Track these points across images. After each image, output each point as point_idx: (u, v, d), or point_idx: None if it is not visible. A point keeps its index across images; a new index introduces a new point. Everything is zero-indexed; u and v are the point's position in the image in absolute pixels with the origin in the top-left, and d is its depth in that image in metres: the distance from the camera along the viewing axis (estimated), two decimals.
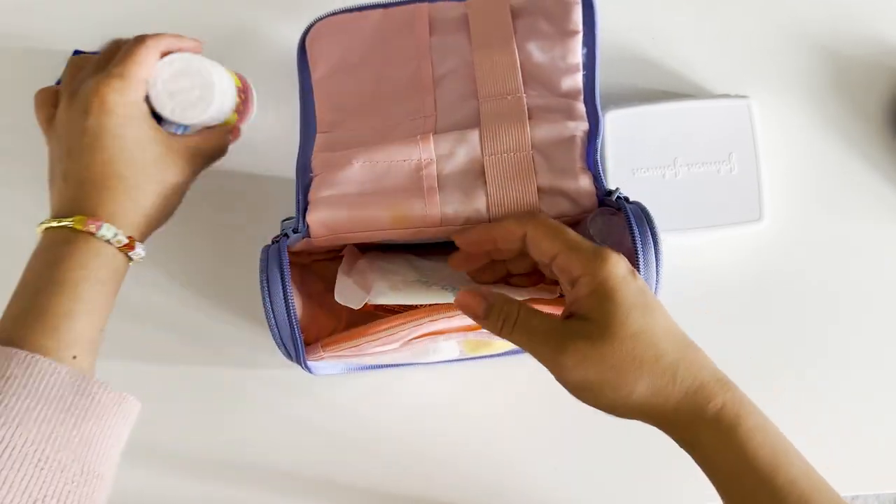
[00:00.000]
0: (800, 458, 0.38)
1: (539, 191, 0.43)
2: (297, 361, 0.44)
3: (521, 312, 0.39)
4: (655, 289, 0.42)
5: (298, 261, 0.50)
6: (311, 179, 0.45)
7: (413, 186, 0.43)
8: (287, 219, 0.47)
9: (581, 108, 0.45)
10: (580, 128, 0.44)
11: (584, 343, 0.37)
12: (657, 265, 0.41)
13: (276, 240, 0.44)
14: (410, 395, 0.59)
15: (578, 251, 0.38)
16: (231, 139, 0.54)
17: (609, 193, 0.43)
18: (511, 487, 0.58)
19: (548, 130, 0.44)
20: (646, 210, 0.42)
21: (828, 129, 0.61)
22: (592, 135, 0.44)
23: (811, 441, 0.58)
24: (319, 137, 0.46)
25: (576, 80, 0.46)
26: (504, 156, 0.43)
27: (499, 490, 0.58)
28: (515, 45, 0.46)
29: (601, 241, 0.43)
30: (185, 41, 0.50)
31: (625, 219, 0.41)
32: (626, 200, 0.43)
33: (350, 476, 0.58)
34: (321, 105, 0.48)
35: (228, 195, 0.60)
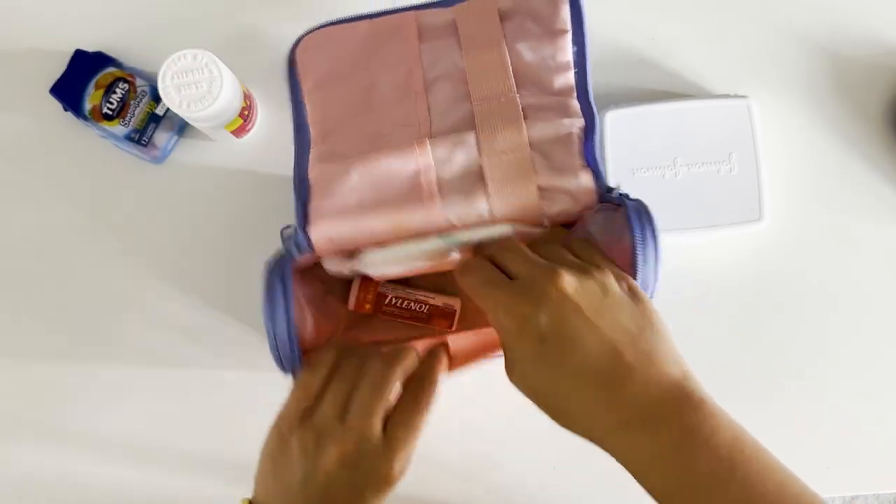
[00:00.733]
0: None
1: (539, 189, 0.43)
2: (294, 375, 0.44)
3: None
4: (654, 286, 0.41)
5: (300, 264, 0.50)
6: (310, 191, 0.44)
7: (413, 193, 0.43)
8: (287, 227, 0.47)
9: (575, 105, 0.45)
10: (576, 125, 0.44)
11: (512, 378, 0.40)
12: (656, 262, 0.41)
13: (281, 257, 0.43)
14: None
15: (485, 304, 0.40)
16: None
17: (610, 190, 0.43)
18: (511, 487, 0.58)
19: (544, 129, 0.44)
20: (646, 207, 0.41)
21: (828, 129, 0.61)
22: (589, 131, 0.44)
23: (811, 441, 0.58)
24: (314, 150, 0.46)
25: (567, 78, 0.45)
26: (503, 156, 0.43)
27: (499, 490, 0.58)
28: (505, 47, 0.46)
29: (601, 238, 0.43)
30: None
31: (625, 216, 0.41)
32: (627, 197, 0.42)
33: None
34: (314, 116, 0.47)
35: (232, 201, 0.60)
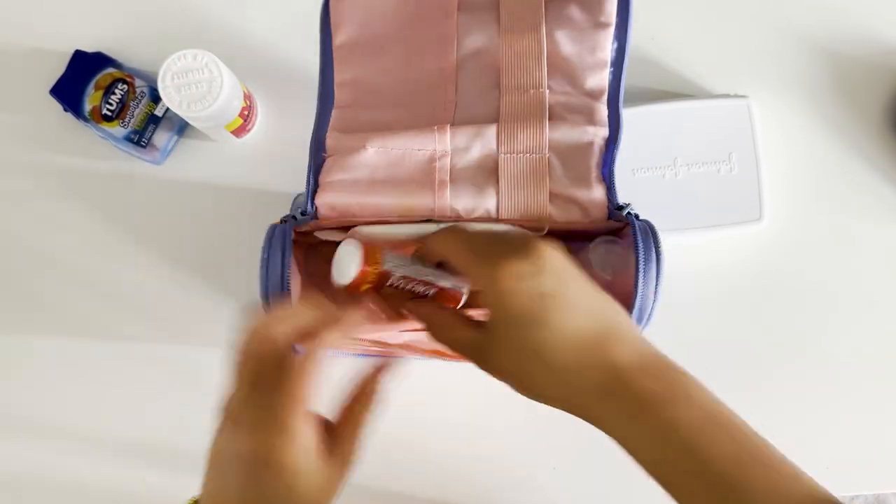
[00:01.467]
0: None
1: (551, 196, 0.43)
2: None
3: (446, 331, 0.40)
4: (653, 307, 0.41)
5: (305, 240, 0.50)
6: (324, 160, 0.44)
7: (425, 178, 0.43)
8: (299, 195, 0.47)
9: (603, 112, 0.44)
10: (600, 134, 0.43)
11: (493, 350, 0.38)
12: (657, 284, 0.40)
13: (285, 220, 0.43)
14: (407, 393, 0.59)
15: (473, 266, 0.38)
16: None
17: (620, 207, 0.43)
18: (510, 487, 0.58)
19: (567, 133, 0.43)
20: (653, 228, 0.41)
21: (827, 129, 0.61)
22: (611, 142, 0.44)
23: (811, 440, 0.58)
24: (336, 113, 0.45)
25: (601, 78, 0.44)
26: (520, 156, 0.43)
27: (498, 490, 0.58)
28: (544, 32, 0.44)
29: (602, 270, 0.43)
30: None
31: (629, 238, 0.41)
32: (637, 217, 0.42)
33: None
34: (340, 76, 0.46)
35: (232, 201, 0.60)
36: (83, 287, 0.59)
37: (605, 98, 0.44)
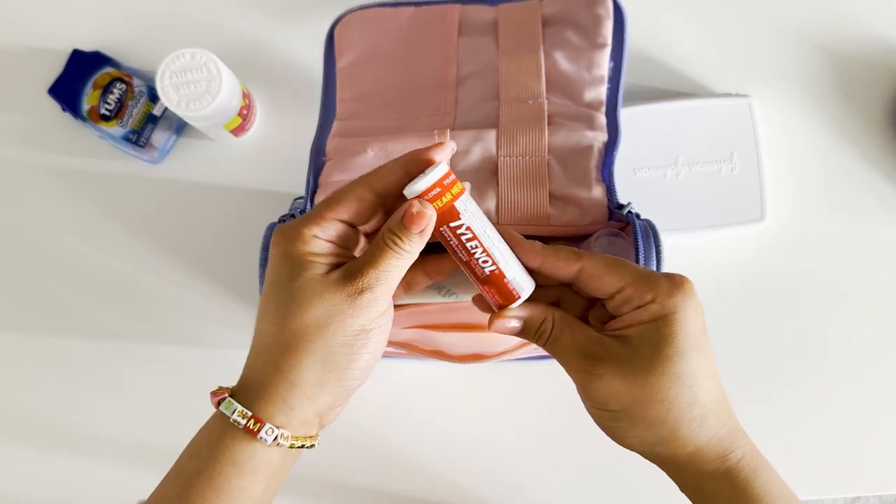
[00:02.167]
0: None
1: (551, 196, 0.43)
2: None
3: (555, 330, 0.37)
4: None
5: None
6: (324, 163, 0.44)
7: None
8: (298, 198, 0.47)
9: (602, 120, 0.45)
10: (599, 138, 0.44)
11: (618, 369, 0.34)
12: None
13: (283, 219, 0.44)
14: (407, 393, 0.59)
15: (649, 278, 0.35)
16: None
17: (620, 207, 0.43)
18: (511, 487, 0.58)
19: (566, 137, 0.43)
20: (654, 227, 0.41)
21: (829, 128, 0.61)
22: (610, 147, 0.44)
23: (813, 442, 0.58)
24: (337, 124, 0.46)
25: (599, 93, 0.45)
26: (519, 158, 0.43)
27: (498, 490, 0.58)
28: (542, 53, 0.45)
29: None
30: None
31: (631, 236, 0.41)
32: (637, 216, 0.42)
33: (342, 474, 0.58)
34: (343, 94, 0.47)
35: (231, 200, 0.60)
36: (80, 286, 0.59)
37: (604, 109, 0.45)
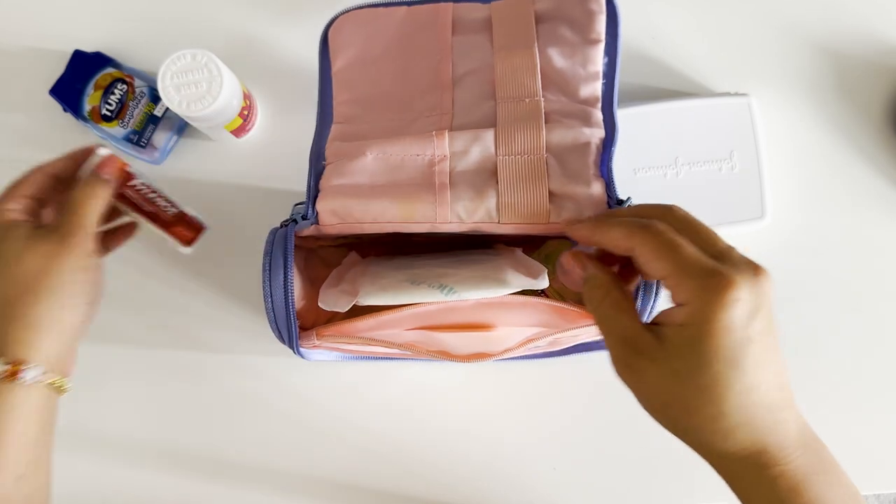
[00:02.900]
0: None
1: (550, 194, 0.43)
2: (290, 346, 0.44)
3: (607, 305, 0.37)
4: (652, 307, 0.41)
5: (304, 245, 0.50)
6: (324, 167, 0.45)
7: (425, 181, 0.43)
8: (298, 203, 0.47)
9: (598, 116, 0.45)
10: (596, 135, 0.44)
11: (649, 367, 0.34)
12: (657, 283, 0.41)
13: (285, 224, 0.44)
14: (407, 393, 0.59)
15: (690, 277, 0.33)
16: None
17: (620, 202, 0.43)
18: (510, 487, 0.58)
19: (563, 135, 0.44)
20: None
21: (828, 127, 0.61)
22: (608, 143, 0.44)
23: None
24: (335, 127, 0.46)
25: (595, 88, 0.45)
26: (518, 157, 0.43)
27: (498, 490, 0.58)
28: (537, 50, 0.46)
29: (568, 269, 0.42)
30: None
31: None
32: None
33: (345, 474, 0.58)
34: (339, 96, 0.47)
35: (232, 201, 0.60)
36: None
37: (600, 106, 0.45)
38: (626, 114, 0.57)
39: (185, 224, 0.47)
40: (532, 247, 0.53)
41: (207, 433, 0.58)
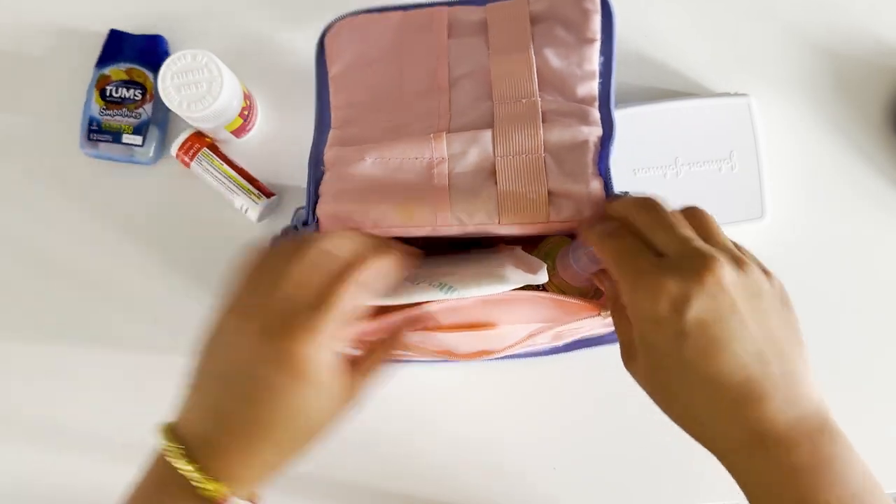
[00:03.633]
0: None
1: (549, 193, 0.43)
2: None
3: (613, 309, 0.40)
4: None
5: None
6: (323, 173, 0.45)
7: (424, 184, 0.43)
8: (299, 208, 0.47)
9: (595, 114, 0.45)
10: (594, 133, 0.44)
11: (633, 365, 0.38)
12: None
13: (286, 231, 0.44)
14: (407, 393, 0.59)
15: (629, 280, 0.35)
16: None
17: (619, 198, 0.43)
18: (510, 487, 0.58)
19: (561, 134, 0.44)
20: None
21: (828, 127, 0.61)
22: (606, 141, 0.44)
23: None
24: (333, 133, 0.47)
25: (591, 87, 0.45)
26: (516, 157, 0.43)
27: (498, 490, 0.58)
28: (533, 51, 0.46)
29: (593, 262, 0.43)
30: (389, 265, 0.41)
31: None
32: None
33: (345, 474, 0.58)
34: (336, 101, 0.48)
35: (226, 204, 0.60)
36: (79, 288, 0.59)
37: (597, 104, 0.45)
38: (626, 114, 0.57)
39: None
40: (532, 245, 0.53)
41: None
